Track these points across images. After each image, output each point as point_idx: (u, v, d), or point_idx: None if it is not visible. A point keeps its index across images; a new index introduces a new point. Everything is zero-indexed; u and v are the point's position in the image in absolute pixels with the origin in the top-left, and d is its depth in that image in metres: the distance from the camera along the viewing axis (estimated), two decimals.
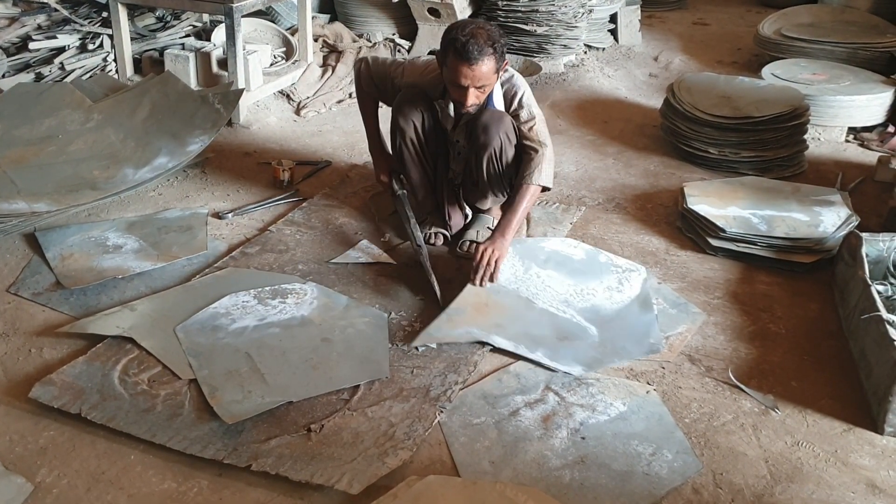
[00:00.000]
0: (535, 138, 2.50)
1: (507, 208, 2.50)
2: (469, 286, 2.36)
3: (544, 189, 2.52)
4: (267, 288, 2.38)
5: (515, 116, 2.51)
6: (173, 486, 1.73)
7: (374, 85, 2.73)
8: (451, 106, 2.53)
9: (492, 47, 2.32)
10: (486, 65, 2.32)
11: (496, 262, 2.37)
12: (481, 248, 2.39)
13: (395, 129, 2.62)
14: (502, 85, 2.53)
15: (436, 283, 2.39)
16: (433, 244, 2.69)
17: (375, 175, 2.90)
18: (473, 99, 2.39)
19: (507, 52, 4.62)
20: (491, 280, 2.37)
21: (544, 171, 2.49)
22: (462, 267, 2.55)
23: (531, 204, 2.52)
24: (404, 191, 2.75)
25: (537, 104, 2.58)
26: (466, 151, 2.60)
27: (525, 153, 2.51)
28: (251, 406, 1.91)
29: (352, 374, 2.06)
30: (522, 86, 2.56)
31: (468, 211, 2.80)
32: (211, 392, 1.95)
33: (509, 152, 2.51)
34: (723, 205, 2.85)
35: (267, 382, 2.00)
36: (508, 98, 2.53)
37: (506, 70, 2.50)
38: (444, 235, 2.72)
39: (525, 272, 2.46)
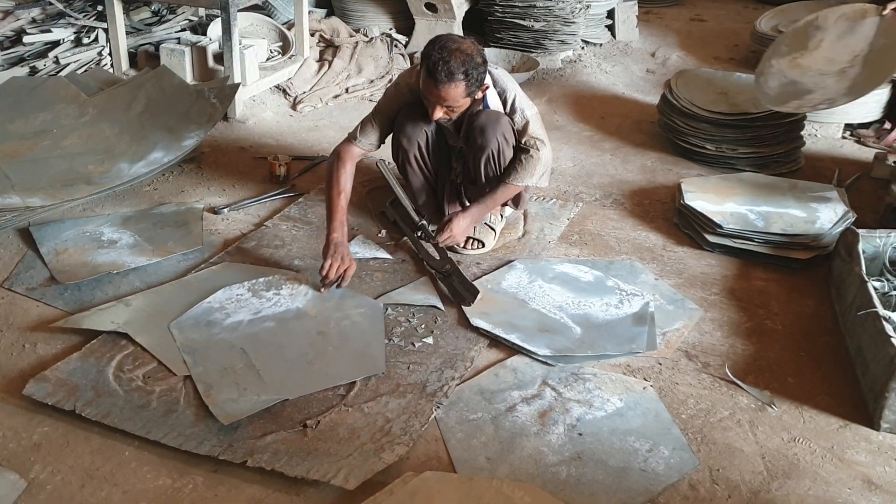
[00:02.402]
0: (530, 142, 2.50)
1: (484, 196, 2.56)
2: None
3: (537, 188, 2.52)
4: (261, 279, 2.37)
5: (510, 116, 2.50)
6: (168, 483, 1.72)
7: (367, 139, 2.53)
8: None
9: (464, 73, 2.25)
10: (454, 90, 2.27)
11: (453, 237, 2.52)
12: (450, 222, 2.52)
13: (398, 149, 2.60)
14: (494, 85, 2.50)
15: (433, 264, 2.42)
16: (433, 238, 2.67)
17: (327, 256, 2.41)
18: (440, 114, 2.35)
19: (505, 48, 4.60)
20: (444, 254, 2.50)
21: (532, 173, 2.51)
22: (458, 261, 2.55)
23: (507, 198, 2.60)
24: (425, 222, 2.67)
25: (530, 102, 2.57)
26: (466, 151, 2.59)
27: (518, 153, 2.52)
28: (247, 405, 1.90)
29: (348, 370, 2.05)
30: (513, 88, 2.53)
31: (467, 204, 2.79)
32: (206, 390, 1.94)
33: (507, 153, 2.51)
34: (720, 201, 2.85)
35: (262, 379, 1.99)
36: (502, 98, 2.51)
37: (484, 92, 2.42)
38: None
39: (529, 283, 2.47)
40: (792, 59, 3.36)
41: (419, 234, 2.64)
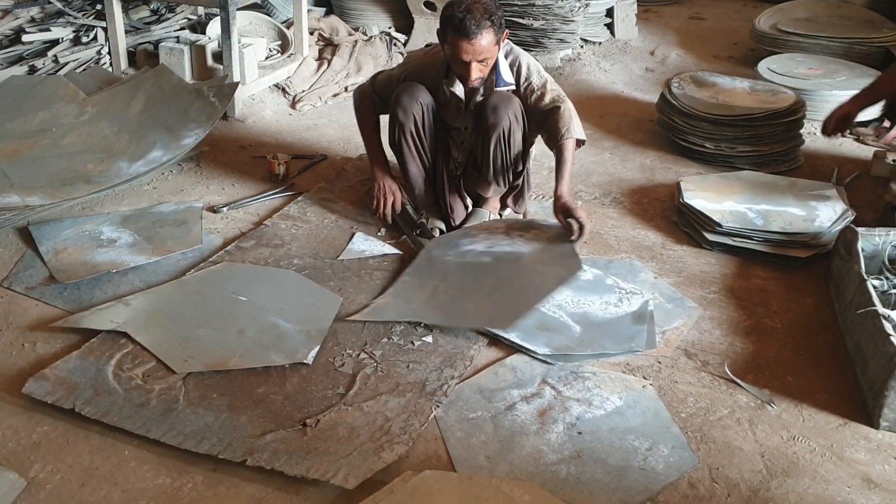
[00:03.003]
0: (555, 97, 2.52)
1: (558, 169, 2.49)
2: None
3: (580, 143, 2.52)
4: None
5: (527, 82, 2.53)
6: (168, 482, 1.72)
7: (379, 99, 2.71)
8: (458, 86, 2.52)
9: (489, 20, 2.33)
10: (486, 38, 2.33)
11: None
12: (584, 219, 2.40)
13: (394, 122, 2.61)
14: (506, 56, 2.53)
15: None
16: (432, 237, 2.68)
17: (379, 199, 2.72)
18: (477, 73, 2.41)
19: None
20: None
21: (576, 125, 2.50)
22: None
23: (572, 158, 2.51)
24: (425, 220, 2.71)
25: (542, 68, 2.60)
26: (472, 137, 2.60)
27: (550, 112, 2.51)
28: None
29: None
30: (524, 55, 2.58)
31: (469, 201, 2.79)
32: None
33: (517, 134, 2.52)
34: (719, 199, 2.84)
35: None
36: (515, 68, 2.54)
37: (505, 42, 2.50)
38: (442, 230, 2.70)
39: None
40: None
41: (418, 231, 2.64)
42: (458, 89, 2.53)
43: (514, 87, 2.54)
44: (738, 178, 3.08)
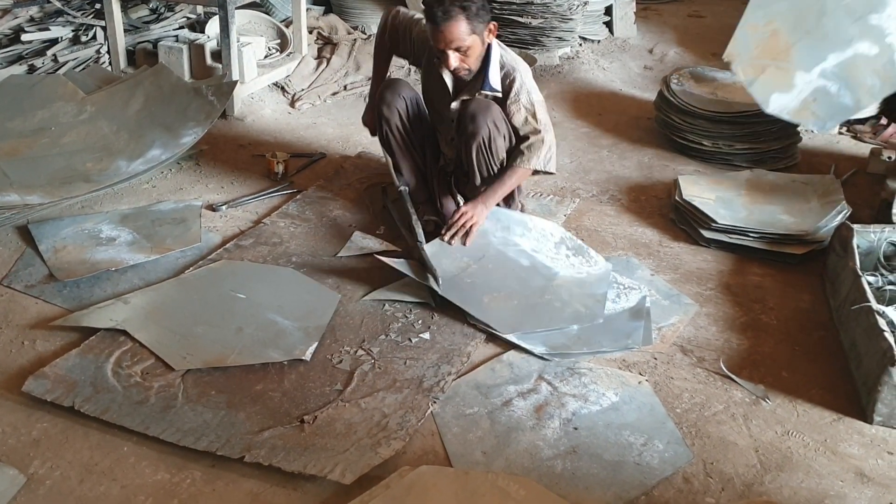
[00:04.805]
0: (534, 124, 2.51)
1: (494, 181, 2.56)
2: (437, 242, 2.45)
3: (546, 173, 2.57)
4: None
5: (515, 101, 2.51)
6: (166, 478, 1.73)
7: (395, 33, 2.73)
8: (447, 72, 2.52)
9: (460, 7, 2.31)
10: (456, 26, 2.32)
11: (472, 226, 2.49)
12: (461, 209, 2.51)
13: (380, 118, 2.64)
14: (502, 67, 2.52)
15: (438, 277, 2.35)
16: (424, 231, 2.68)
17: (367, 119, 2.87)
18: (455, 62, 2.39)
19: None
20: (463, 242, 2.47)
21: (540, 155, 2.52)
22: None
23: (517, 183, 2.60)
24: (406, 187, 2.72)
25: (537, 87, 2.58)
26: (457, 140, 2.61)
27: (521, 137, 2.53)
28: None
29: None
30: (524, 71, 2.55)
31: (461, 199, 2.80)
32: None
33: (498, 141, 2.51)
34: (716, 197, 2.85)
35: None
36: (507, 82, 2.51)
37: (493, 34, 2.47)
38: (436, 222, 2.71)
39: None
40: None
41: (412, 222, 2.63)
42: (447, 75, 2.53)
43: (499, 95, 2.51)
44: (735, 175, 3.09)
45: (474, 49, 2.41)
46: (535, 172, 2.58)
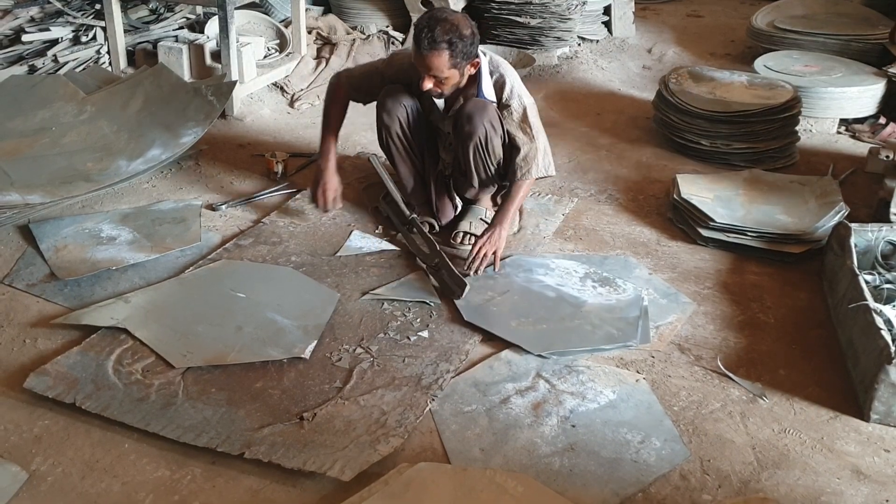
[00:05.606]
0: (527, 130, 2.52)
1: (503, 201, 2.59)
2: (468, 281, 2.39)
3: (546, 176, 2.59)
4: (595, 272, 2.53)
5: (506, 107, 2.52)
6: (167, 474, 1.74)
7: (356, 88, 2.72)
8: None
9: (447, 42, 2.30)
10: (438, 58, 2.32)
11: (494, 253, 2.49)
12: (479, 242, 2.49)
13: (381, 126, 2.64)
14: (492, 74, 2.53)
15: (463, 288, 2.34)
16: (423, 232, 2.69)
17: (314, 189, 2.78)
18: (429, 84, 2.40)
19: (501, 45, 4.60)
20: (493, 268, 2.47)
21: (538, 164, 2.55)
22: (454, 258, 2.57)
23: (525, 196, 2.62)
24: (416, 216, 2.68)
25: (528, 92, 2.59)
26: (454, 141, 2.62)
27: (515, 147, 2.53)
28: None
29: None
30: (511, 75, 2.56)
31: (458, 202, 2.82)
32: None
33: (495, 141, 2.52)
34: (714, 196, 2.86)
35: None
36: (498, 87, 2.53)
37: (475, 68, 2.47)
38: (432, 224, 2.72)
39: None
40: None
41: (409, 227, 2.65)
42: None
43: (494, 103, 2.53)
44: (733, 174, 3.10)
45: (451, 80, 2.41)
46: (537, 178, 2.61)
